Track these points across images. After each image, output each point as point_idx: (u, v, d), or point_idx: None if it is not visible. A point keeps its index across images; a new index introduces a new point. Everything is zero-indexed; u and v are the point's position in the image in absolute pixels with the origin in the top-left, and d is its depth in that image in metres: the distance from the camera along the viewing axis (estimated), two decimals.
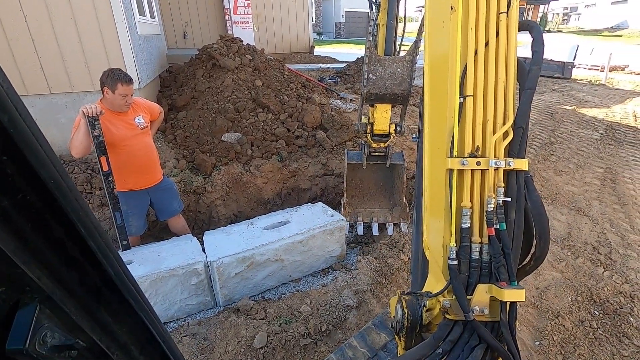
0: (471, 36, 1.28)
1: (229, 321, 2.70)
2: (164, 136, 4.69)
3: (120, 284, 0.53)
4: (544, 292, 3.11)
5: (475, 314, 1.23)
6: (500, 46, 1.28)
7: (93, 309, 0.51)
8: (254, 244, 3.03)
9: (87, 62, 3.99)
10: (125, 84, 2.66)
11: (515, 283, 1.22)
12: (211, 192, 4.01)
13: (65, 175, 0.44)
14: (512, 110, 1.30)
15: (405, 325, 1.37)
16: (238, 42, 6.02)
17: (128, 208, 2.98)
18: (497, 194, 1.25)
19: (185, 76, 5.68)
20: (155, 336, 0.63)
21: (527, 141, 1.33)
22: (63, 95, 4.06)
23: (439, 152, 1.35)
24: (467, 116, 1.28)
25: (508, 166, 1.26)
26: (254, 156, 4.51)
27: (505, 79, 1.29)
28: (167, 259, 2.84)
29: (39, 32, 3.76)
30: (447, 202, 1.30)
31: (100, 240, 0.49)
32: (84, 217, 0.46)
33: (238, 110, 4.98)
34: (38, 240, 0.42)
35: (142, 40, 4.86)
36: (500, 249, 1.23)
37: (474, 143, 1.29)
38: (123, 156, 2.83)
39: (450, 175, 1.29)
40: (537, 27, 1.30)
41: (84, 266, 0.48)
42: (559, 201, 4.51)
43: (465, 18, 1.26)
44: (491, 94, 1.28)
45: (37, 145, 0.40)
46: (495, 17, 1.27)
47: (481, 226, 1.29)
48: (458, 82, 1.28)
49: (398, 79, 2.74)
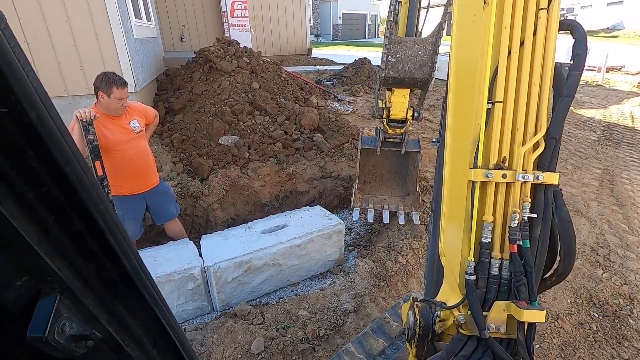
0: (505, 35, 1.14)
1: (226, 326, 2.67)
2: (160, 139, 4.66)
3: (136, 278, 0.55)
4: (543, 295, 3.09)
5: (491, 332, 1.18)
6: (537, 47, 1.15)
7: (109, 301, 0.52)
8: (252, 248, 3.01)
9: (83, 66, 3.97)
10: (121, 87, 2.64)
11: (536, 303, 1.15)
12: (208, 196, 3.99)
13: (88, 171, 0.45)
14: (545, 119, 1.18)
15: (417, 333, 1.34)
16: (235, 45, 6.01)
17: (124, 213, 2.95)
18: (523, 209, 1.16)
19: (182, 79, 5.66)
20: (168, 331, 0.64)
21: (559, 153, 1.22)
22: (58, 99, 4.03)
23: (461, 161, 1.26)
24: (495, 124, 1.17)
25: (537, 180, 1.15)
26: (252, 159, 4.49)
27: (540, 84, 1.16)
28: (164, 264, 2.81)
29: (34, 35, 3.74)
30: (468, 213, 1.22)
31: (119, 236, 0.50)
32: (104, 212, 0.48)
33: (235, 113, 4.96)
34: (60, 232, 0.43)
35: (138, 44, 4.84)
36: (522, 266, 1.16)
37: (501, 153, 1.18)
38: (118, 160, 2.80)
39: (472, 187, 1.20)
40: (580, 27, 1.17)
41: (102, 260, 0.50)
42: None
43: (499, 14, 1.13)
44: (523, 100, 1.17)
45: (62, 141, 0.41)
46: (533, 14, 1.13)
47: (502, 241, 1.21)
48: (487, 86, 1.16)
49: (419, 62, 2.59)
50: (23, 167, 0.38)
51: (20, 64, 0.36)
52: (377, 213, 3.64)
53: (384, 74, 2.63)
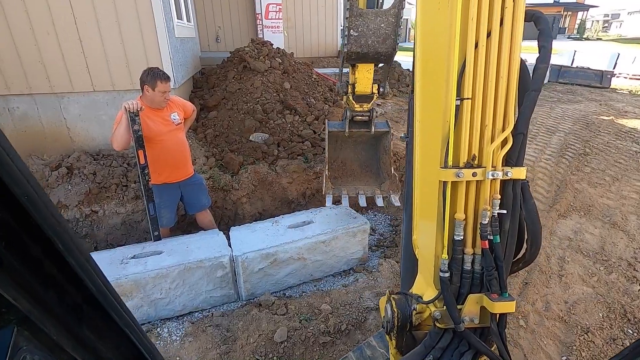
0: (472, 26, 1.10)
1: (251, 314, 2.77)
2: (195, 134, 4.87)
3: (102, 299, 0.51)
4: (573, 307, 3.00)
5: (465, 324, 1.24)
6: (504, 37, 1.11)
7: (75, 327, 0.49)
8: (278, 241, 3.11)
9: (128, 63, 4.23)
10: (164, 81, 2.82)
11: (507, 294, 1.20)
12: (238, 190, 4.13)
13: (40, 190, 0.42)
14: (512, 115, 1.17)
15: (395, 325, 1.39)
16: (268, 46, 6.18)
17: (160, 200, 3.12)
18: (493, 205, 1.18)
19: (217, 78, 5.88)
20: (142, 352, 0.61)
21: (526, 148, 1.23)
22: (105, 93, 4.31)
23: (431, 160, 1.25)
24: (464, 121, 1.15)
25: (506, 176, 1.17)
26: (280, 156, 4.60)
27: (507, 77, 1.14)
28: (195, 251, 2.96)
29: (87, 34, 4.02)
30: (440, 212, 1.23)
31: (80, 256, 0.47)
32: (62, 233, 0.44)
33: (266, 111, 5.11)
34: (13, 259, 0.40)
35: (179, 43, 5.09)
36: (493, 261, 1.20)
37: (470, 151, 1.17)
38: (158, 150, 2.98)
39: (444, 187, 1.20)
40: (544, 17, 1.14)
41: (63, 284, 0.46)
42: (593, 214, 4.32)
43: (465, 4, 1.10)
44: (491, 96, 1.14)
45: (9, 161, 0.38)
46: (500, 3, 1.10)
47: (474, 237, 1.23)
48: (455, 82, 1.12)
49: (382, 35, 2.51)
50: None
51: None
52: (353, 200, 3.43)
53: (346, 49, 2.54)
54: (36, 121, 4.25)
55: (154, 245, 3.08)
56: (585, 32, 38.30)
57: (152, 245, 3.08)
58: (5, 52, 3.90)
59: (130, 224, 3.83)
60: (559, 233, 3.98)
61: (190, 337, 2.63)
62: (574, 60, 14.14)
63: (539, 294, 3.12)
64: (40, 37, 3.93)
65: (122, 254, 2.95)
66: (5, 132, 2.83)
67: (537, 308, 2.97)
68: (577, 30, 38.41)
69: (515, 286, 3.18)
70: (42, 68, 4.04)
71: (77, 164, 4.00)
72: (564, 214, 4.35)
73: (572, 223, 4.17)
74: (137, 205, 3.80)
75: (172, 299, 2.85)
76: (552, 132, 7.29)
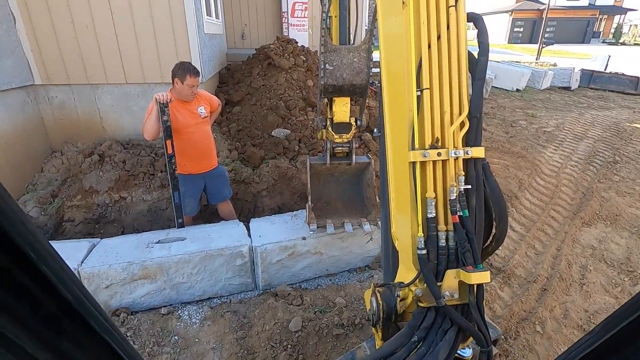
0: (423, 30, 1.31)
1: (268, 303, 2.85)
2: (219, 128, 5.02)
3: (80, 308, 0.49)
4: (594, 316, 2.93)
5: (446, 299, 1.30)
6: (451, 39, 1.32)
7: (53, 339, 0.46)
8: (297, 235, 3.17)
9: (159, 57, 4.40)
10: (194, 76, 2.94)
11: (481, 266, 1.29)
12: (258, 183, 4.23)
13: (7, 196, 0.39)
14: (466, 101, 1.34)
15: (381, 317, 1.43)
16: (293, 44, 6.26)
17: (185, 190, 3.25)
18: (459, 182, 1.31)
19: (242, 74, 6.02)
20: (123, 358, 0.59)
21: (482, 130, 1.39)
22: (136, 85, 4.51)
23: (400, 146, 1.40)
24: (425, 109, 1.33)
25: (466, 155, 1.32)
26: (301, 152, 4.68)
27: (458, 70, 1.33)
28: (216, 240, 3.06)
29: (123, 29, 4.22)
30: (412, 194, 1.36)
31: (55, 264, 0.44)
32: (33, 241, 0.42)
33: (289, 108, 5.19)
34: None
35: (207, 39, 5.24)
36: (465, 234, 1.29)
37: (434, 135, 1.34)
38: (185, 142, 3.11)
39: (413, 168, 1.35)
40: (480, 17, 1.36)
41: (37, 294, 0.44)
42: (620, 224, 4.18)
43: (416, 12, 1.31)
44: (446, 86, 1.33)
45: None
46: (444, 11, 1.31)
47: (446, 215, 1.35)
48: (414, 76, 1.32)
49: (355, 69, 2.65)
50: None
51: None
52: (338, 228, 3.24)
53: (323, 81, 2.65)
54: (72, 110, 4.49)
55: (177, 232, 3.21)
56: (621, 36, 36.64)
57: (176, 232, 3.21)
58: (47, 44, 4.14)
59: (156, 211, 3.99)
60: (582, 241, 3.87)
61: (209, 321, 2.73)
62: (607, 66, 13.60)
63: (558, 301, 3.06)
64: (80, 30, 4.15)
65: (148, 239, 3.09)
66: (44, 120, 3.07)
67: (555, 315, 2.92)
68: (613, 34, 36.79)
69: (533, 292, 3.14)
70: (80, 60, 4.27)
71: (108, 152, 4.20)
72: (589, 222, 4.22)
73: (596, 232, 4.05)
74: (163, 193, 3.96)
75: (193, 284, 2.97)
76: (580, 138, 7.06)
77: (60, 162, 4.20)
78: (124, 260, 2.78)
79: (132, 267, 2.77)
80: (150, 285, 2.86)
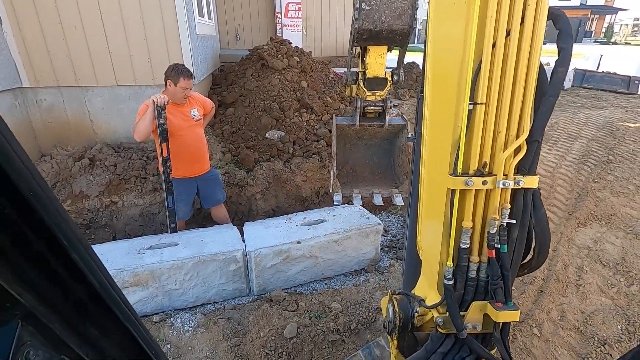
0: (490, 24, 1.01)
1: (262, 309, 2.80)
2: (212, 130, 4.95)
3: (106, 296, 0.51)
4: (590, 317, 2.92)
5: (469, 330, 1.22)
6: (524, 37, 1.02)
7: (79, 323, 0.49)
8: (291, 238, 3.13)
9: (150, 58, 4.33)
10: (187, 78, 2.90)
11: (511, 303, 1.18)
12: (252, 186, 4.18)
13: (45, 186, 0.42)
14: (528, 121, 1.10)
15: (397, 325, 1.38)
16: (287, 44, 6.22)
17: (177, 194, 3.19)
18: (502, 215, 1.14)
19: (236, 75, 5.96)
20: (145, 349, 0.60)
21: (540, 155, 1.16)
22: (127, 87, 4.43)
23: (439, 167, 1.20)
24: (476, 127, 1.09)
25: (517, 185, 1.11)
26: (295, 154, 4.63)
27: (524, 81, 1.06)
28: (209, 245, 3.01)
29: (112, 30, 4.15)
30: (447, 220, 1.19)
31: (84, 252, 0.47)
32: (66, 229, 0.44)
33: (283, 109, 5.14)
34: (18, 255, 0.40)
35: (200, 40, 5.18)
36: (500, 270, 1.17)
37: (482, 158, 1.12)
38: (177, 145, 3.05)
39: (451, 195, 1.16)
40: (564, 16, 1.06)
41: (67, 280, 0.46)
42: (614, 224, 4.19)
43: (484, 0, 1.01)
44: (506, 101, 1.07)
45: (14, 156, 0.38)
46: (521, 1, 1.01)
47: (481, 245, 1.20)
48: (469, 84, 1.05)
49: (397, 10, 2.24)
50: None
51: None
52: (366, 200, 2.95)
53: (357, 25, 2.27)
54: (62, 113, 4.40)
55: (170, 237, 3.15)
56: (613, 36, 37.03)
57: (168, 237, 3.15)
58: (35, 45, 4.06)
59: (148, 216, 3.92)
60: (578, 242, 3.87)
61: (202, 329, 2.68)
62: (599, 65, 13.70)
63: (555, 302, 3.05)
64: (68, 31, 4.07)
65: (139, 244, 3.03)
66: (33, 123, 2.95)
67: (552, 317, 2.91)
68: (605, 34, 37.17)
69: (530, 294, 3.12)
70: (69, 62, 4.19)
71: (99, 155, 4.13)
72: (584, 222, 4.23)
73: (592, 232, 4.05)
74: (155, 197, 3.89)
75: (186, 290, 2.91)
76: (574, 138, 7.09)
77: (49, 166, 4.12)
78: (114, 267, 2.72)
79: (123, 274, 2.71)
80: (142, 292, 2.80)
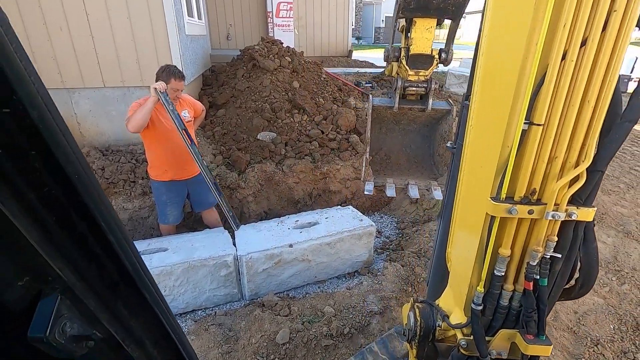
0: (562, 31, 0.81)
1: (254, 315, 2.76)
2: (203, 132, 4.88)
3: (137, 279, 0.55)
4: (583, 317, 2.92)
5: (493, 357, 1.17)
6: (604, 49, 0.81)
7: (111, 302, 0.52)
8: (283, 242, 3.09)
9: (139, 59, 4.25)
10: (178, 79, 2.86)
11: (544, 337, 1.08)
12: (244, 189, 4.13)
13: (89, 171, 0.45)
14: (592, 148, 0.92)
15: (417, 334, 1.35)
16: (278, 44, 6.16)
17: (167, 198, 3.13)
18: (547, 247, 0.99)
19: (227, 75, 5.89)
20: (169, 332, 0.63)
21: None
22: (115, 89, 4.34)
23: (480, 187, 1.05)
24: (529, 150, 0.92)
25: (569, 217, 0.96)
26: (287, 156, 4.59)
27: (595, 102, 0.86)
28: (199, 250, 2.96)
29: (99, 30, 4.06)
30: (482, 244, 1.07)
31: (120, 235, 0.50)
32: (105, 212, 0.47)
33: (274, 110, 5.09)
34: (61, 233, 0.43)
35: (189, 40, 5.10)
36: (535, 304, 1.06)
37: (531, 185, 0.96)
38: (167, 146, 2.99)
39: (491, 220, 1.02)
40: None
41: (103, 260, 0.50)
42: (606, 222, 4.21)
43: (559, 4, 0.79)
44: (569, 123, 0.89)
45: (64, 142, 0.41)
46: (607, 2, 0.78)
47: (517, 274, 1.09)
48: (528, 100, 0.87)
49: None
50: (24, 167, 0.38)
51: (22, 64, 0.36)
52: (401, 190, 2.64)
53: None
54: None
55: (159, 242, 3.09)
56: None
57: (157, 242, 3.09)
58: None
59: (137, 220, 3.85)
60: None
61: (193, 336, 2.63)
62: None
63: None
64: (53, 32, 3.97)
65: None
66: None
67: None
68: None
69: None
70: (54, 63, 4.09)
71: (86, 158, 4.04)
72: None
73: None
74: (144, 201, 3.82)
75: (176, 297, 2.86)
76: None
77: None
78: None
79: None
80: None
